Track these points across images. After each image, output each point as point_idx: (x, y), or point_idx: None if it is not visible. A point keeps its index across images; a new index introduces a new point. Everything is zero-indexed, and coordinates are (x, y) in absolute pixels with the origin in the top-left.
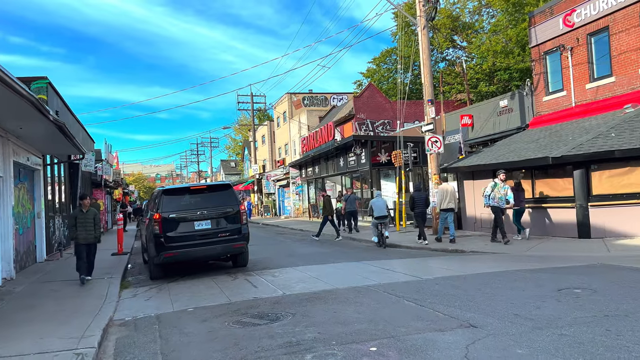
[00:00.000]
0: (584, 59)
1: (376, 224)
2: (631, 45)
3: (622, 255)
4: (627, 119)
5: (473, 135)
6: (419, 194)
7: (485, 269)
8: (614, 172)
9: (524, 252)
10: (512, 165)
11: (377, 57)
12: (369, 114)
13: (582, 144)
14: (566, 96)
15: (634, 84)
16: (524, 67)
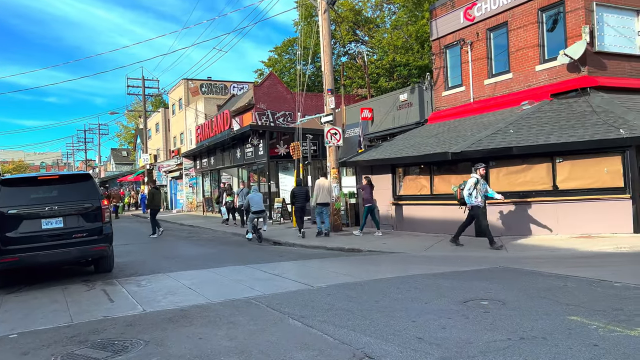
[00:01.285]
0: (483, 54)
1: (252, 219)
2: (528, 41)
3: (521, 256)
4: (525, 116)
5: (373, 129)
6: (299, 189)
7: (384, 273)
8: (511, 170)
9: (422, 252)
10: (411, 160)
11: (279, 46)
12: (269, 105)
13: (481, 139)
14: (465, 91)
15: (530, 81)
16: (422, 64)
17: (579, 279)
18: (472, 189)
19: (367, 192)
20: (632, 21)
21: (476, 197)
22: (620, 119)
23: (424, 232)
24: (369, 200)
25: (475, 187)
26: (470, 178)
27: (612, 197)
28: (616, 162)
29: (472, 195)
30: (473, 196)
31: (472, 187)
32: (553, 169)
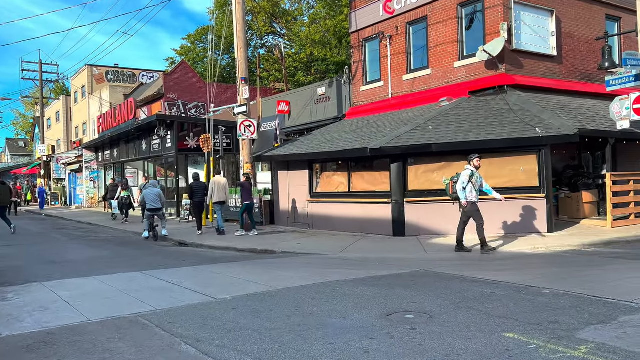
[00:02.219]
0: (402, 48)
1: (149, 217)
2: (448, 37)
3: (440, 257)
4: (443, 112)
5: (290, 124)
6: (197, 184)
7: (298, 280)
8: (429, 167)
9: (340, 253)
10: (329, 156)
11: (193, 34)
12: (181, 95)
13: (401, 135)
14: (384, 87)
15: (449, 77)
16: (340, 60)
17: (505, 285)
18: (467, 182)
19: (245, 190)
20: (546, 21)
21: (471, 192)
22: (536, 118)
23: (341, 231)
24: (247, 198)
25: (470, 180)
26: (464, 170)
27: (528, 197)
28: (532, 161)
29: (466, 189)
30: (468, 190)
31: (466, 180)
32: None
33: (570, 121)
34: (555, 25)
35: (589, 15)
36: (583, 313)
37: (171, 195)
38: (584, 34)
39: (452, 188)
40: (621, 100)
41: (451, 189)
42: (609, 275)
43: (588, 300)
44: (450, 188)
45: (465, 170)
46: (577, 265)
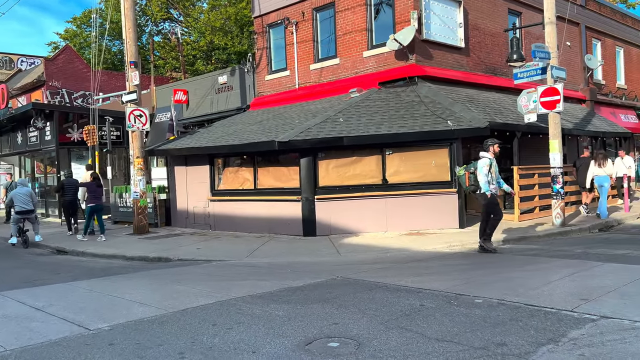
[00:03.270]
0: (309, 36)
1: (17, 220)
2: (356, 25)
3: (356, 260)
4: (354, 104)
5: (188, 114)
6: (69, 180)
7: (198, 296)
8: (341, 162)
9: (246, 258)
10: (232, 149)
11: (79, 17)
12: (65, 83)
13: (310, 128)
14: (290, 76)
15: (358, 67)
16: (242, 49)
17: (433, 293)
18: (488, 172)
19: (92, 190)
20: (454, 12)
21: (491, 183)
22: (447, 110)
23: (246, 232)
24: (92, 200)
25: (489, 169)
26: (482, 158)
27: (440, 192)
28: (443, 155)
29: (489, 181)
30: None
31: (487, 169)
32: (383, 162)
33: (481, 114)
34: (463, 16)
35: (494, 9)
36: (528, 329)
37: (52, 195)
38: (489, 27)
39: (468, 179)
40: (528, 93)
41: (467, 181)
42: (536, 278)
43: (527, 312)
44: (467, 179)
45: (482, 159)
46: (499, 266)
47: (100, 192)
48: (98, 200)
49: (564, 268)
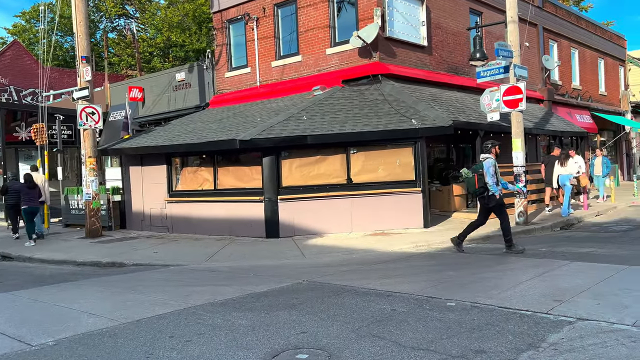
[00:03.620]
0: (270, 32)
1: None
2: (319, 22)
3: (321, 262)
4: (317, 102)
5: (144, 113)
6: (13, 183)
7: (153, 306)
8: (305, 161)
9: (205, 262)
10: (191, 148)
11: (28, 11)
12: (13, 80)
13: (273, 126)
14: (251, 73)
15: (321, 65)
16: (200, 47)
17: (403, 297)
18: (494, 173)
19: (24, 192)
20: (417, 10)
21: (497, 184)
22: (411, 109)
23: (206, 235)
24: (27, 201)
25: (495, 170)
26: (486, 160)
27: (405, 191)
28: (408, 154)
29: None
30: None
31: (494, 171)
32: (347, 161)
33: (444, 113)
34: (426, 15)
35: (455, 8)
36: (505, 334)
37: None
38: (451, 26)
39: (478, 181)
40: (491, 92)
41: (477, 183)
42: (507, 279)
43: (502, 315)
44: (477, 181)
45: (487, 160)
46: (468, 267)
47: (33, 194)
48: (31, 202)
49: (533, 268)
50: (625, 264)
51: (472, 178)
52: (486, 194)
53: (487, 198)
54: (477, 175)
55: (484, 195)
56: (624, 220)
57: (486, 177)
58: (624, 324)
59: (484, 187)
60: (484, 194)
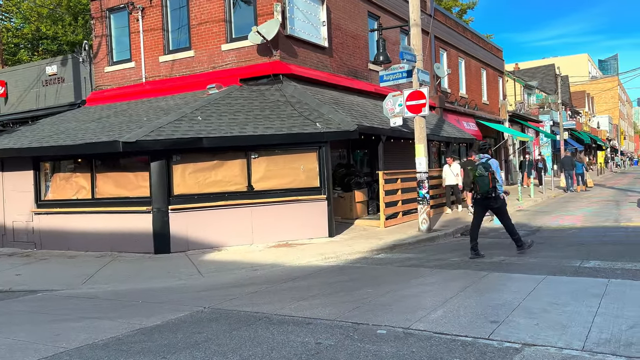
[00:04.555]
0: (158, 24)
1: None
2: (213, 15)
3: (222, 282)
4: (213, 102)
5: (7, 110)
6: None
7: (9, 353)
8: (200, 166)
9: (82, 286)
10: (64, 151)
11: None
12: None
13: (163, 127)
14: (135, 68)
15: (216, 62)
16: (76, 39)
17: (326, 324)
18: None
19: None
20: (318, 9)
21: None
22: (315, 112)
23: (83, 251)
24: None
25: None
26: (490, 159)
27: (309, 199)
28: (312, 159)
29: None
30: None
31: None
32: (248, 167)
33: (348, 117)
34: (326, 15)
35: (355, 10)
36: None
37: None
38: (350, 28)
39: (492, 180)
40: (394, 96)
41: (491, 182)
42: (430, 296)
43: (442, 344)
44: (490, 180)
45: (491, 159)
46: (384, 282)
47: None
48: None
49: (453, 281)
50: (540, 273)
51: (487, 177)
52: (493, 194)
53: (493, 199)
54: (490, 174)
55: (491, 195)
56: (517, 225)
57: (498, 175)
58: (573, 349)
59: (494, 187)
60: (491, 195)
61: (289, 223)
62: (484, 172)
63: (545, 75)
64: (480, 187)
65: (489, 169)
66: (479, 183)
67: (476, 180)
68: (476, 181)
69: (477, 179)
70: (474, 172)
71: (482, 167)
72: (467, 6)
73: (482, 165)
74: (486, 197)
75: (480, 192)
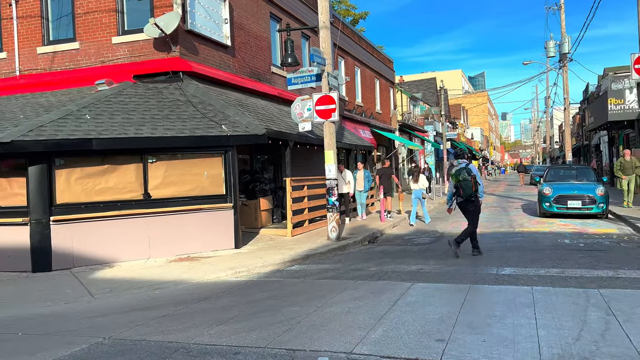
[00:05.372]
0: (36, 10)
1: None
2: (103, 3)
3: (120, 304)
4: (103, 99)
5: None
6: None
7: None
8: (88, 171)
9: None
10: None
11: None
12: None
13: (44, 125)
14: (8, 60)
15: (105, 55)
16: None
17: (257, 353)
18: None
19: None
20: (219, 5)
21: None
22: (220, 114)
23: None
24: None
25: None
26: (469, 164)
27: (213, 207)
28: (217, 165)
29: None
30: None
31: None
32: (145, 172)
33: (256, 120)
34: (229, 12)
35: (257, 10)
36: None
37: None
38: (253, 28)
39: (474, 184)
40: (303, 100)
41: (474, 186)
42: (363, 312)
43: None
44: (473, 184)
45: (469, 164)
46: (310, 298)
47: None
48: None
49: (380, 294)
50: (462, 282)
51: (470, 181)
52: (474, 197)
53: (472, 202)
54: (472, 179)
55: (473, 198)
56: (419, 232)
57: (478, 179)
58: None
59: (476, 190)
60: (473, 197)
61: (191, 234)
62: (467, 177)
63: (427, 88)
64: (464, 191)
65: (470, 173)
66: (462, 187)
67: (460, 185)
68: (460, 185)
69: (462, 183)
70: (457, 176)
71: (465, 172)
72: (360, 16)
73: (465, 170)
74: (468, 199)
75: (464, 195)
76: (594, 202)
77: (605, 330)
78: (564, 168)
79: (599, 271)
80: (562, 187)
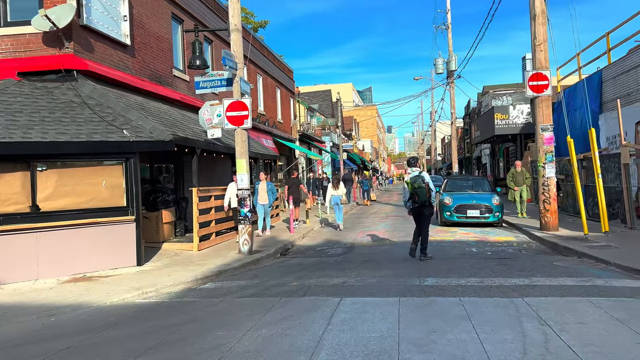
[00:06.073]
0: None
1: None
2: None
3: (7, 336)
4: None
5: None
6: None
7: None
8: None
9: None
10: None
11: None
12: None
13: None
14: None
15: None
16: None
17: None
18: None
19: None
20: (118, 1)
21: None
22: (121, 117)
23: None
24: None
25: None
26: (422, 172)
27: (113, 220)
28: (118, 173)
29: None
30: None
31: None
32: (33, 181)
33: (161, 125)
34: (128, 9)
35: (158, 9)
36: None
37: None
38: (154, 28)
39: (428, 191)
40: (212, 106)
41: (428, 192)
42: (298, 334)
43: None
44: (427, 191)
45: (423, 172)
46: (233, 320)
47: None
48: None
49: (310, 312)
50: (390, 295)
51: (424, 188)
52: (428, 203)
53: (427, 207)
54: (427, 186)
55: (427, 204)
56: (330, 242)
57: (431, 186)
58: None
59: (430, 197)
60: (427, 203)
61: (88, 251)
62: (422, 184)
63: (322, 99)
64: (419, 197)
65: (424, 180)
66: (418, 194)
67: (416, 192)
68: (416, 192)
69: (417, 190)
70: (412, 184)
71: (420, 180)
72: (259, 24)
73: (419, 178)
74: (424, 204)
75: (419, 201)
76: (491, 211)
77: (546, 341)
78: (461, 179)
79: (515, 279)
80: (461, 197)
